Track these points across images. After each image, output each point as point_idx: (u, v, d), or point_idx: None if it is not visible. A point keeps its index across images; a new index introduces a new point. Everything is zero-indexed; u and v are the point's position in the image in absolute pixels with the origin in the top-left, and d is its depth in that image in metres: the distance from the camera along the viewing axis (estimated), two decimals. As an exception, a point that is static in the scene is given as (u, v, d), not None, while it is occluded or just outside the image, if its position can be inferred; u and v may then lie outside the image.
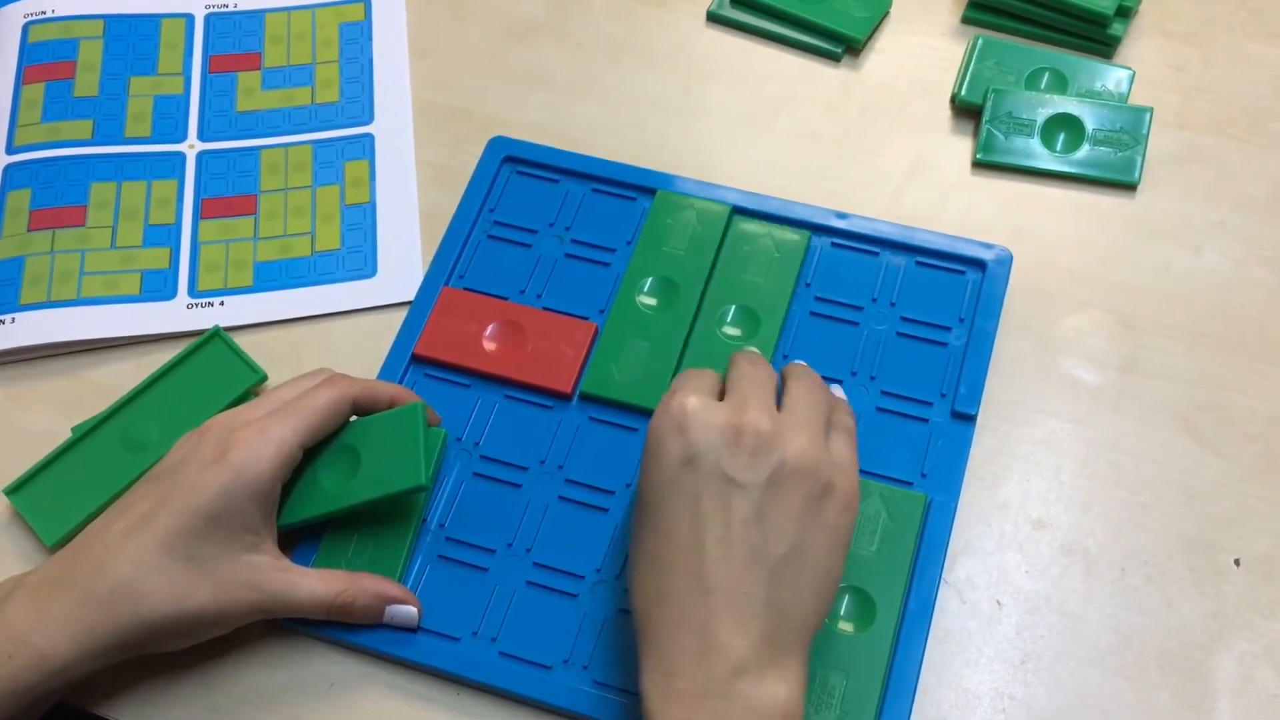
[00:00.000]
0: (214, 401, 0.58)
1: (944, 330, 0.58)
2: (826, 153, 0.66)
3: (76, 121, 0.68)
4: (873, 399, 0.57)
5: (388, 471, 0.52)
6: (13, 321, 0.61)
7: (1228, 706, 0.50)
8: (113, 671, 0.50)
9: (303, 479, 0.53)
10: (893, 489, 0.54)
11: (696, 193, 0.63)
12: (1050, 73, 0.66)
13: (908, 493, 0.54)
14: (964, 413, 0.56)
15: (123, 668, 0.52)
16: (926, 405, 0.57)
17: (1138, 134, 0.63)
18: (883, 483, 0.54)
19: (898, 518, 0.53)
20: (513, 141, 0.66)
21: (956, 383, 0.57)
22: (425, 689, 0.52)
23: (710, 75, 0.69)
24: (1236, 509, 0.54)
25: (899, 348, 0.58)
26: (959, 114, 0.66)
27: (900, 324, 0.59)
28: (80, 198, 0.65)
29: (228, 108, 0.69)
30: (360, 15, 0.72)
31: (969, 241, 0.60)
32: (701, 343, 0.59)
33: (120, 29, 0.71)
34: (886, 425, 0.56)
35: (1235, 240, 0.62)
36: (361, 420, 0.55)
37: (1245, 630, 0.52)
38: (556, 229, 0.63)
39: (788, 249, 0.61)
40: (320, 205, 0.65)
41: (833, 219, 0.61)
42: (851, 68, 0.69)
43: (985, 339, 0.57)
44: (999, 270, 0.59)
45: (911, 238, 0.60)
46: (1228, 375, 0.58)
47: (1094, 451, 0.56)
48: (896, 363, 0.58)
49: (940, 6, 0.70)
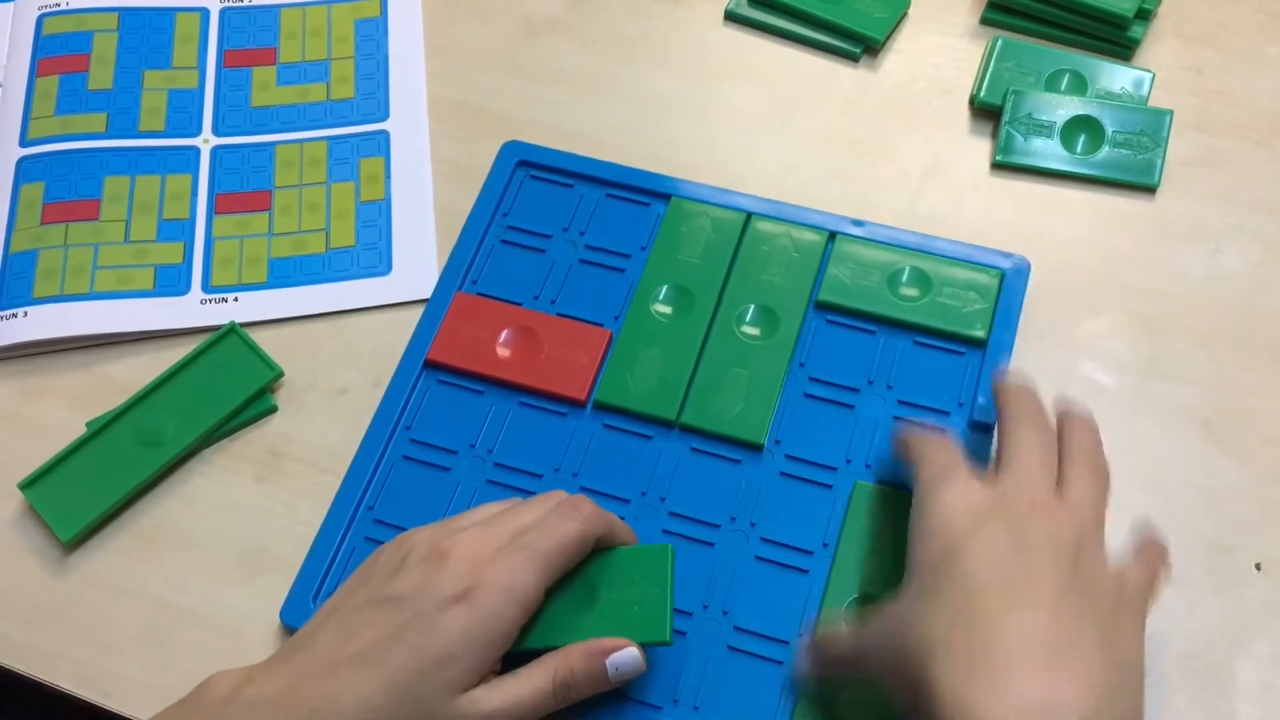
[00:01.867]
0: (230, 397, 0.58)
1: (963, 342, 0.58)
2: (844, 153, 0.66)
3: (90, 115, 0.67)
4: (889, 408, 0.57)
5: (629, 617, 0.48)
6: (25, 315, 0.61)
7: (1248, 711, 0.50)
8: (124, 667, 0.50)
9: None
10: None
11: (711, 199, 0.62)
12: (1070, 74, 0.66)
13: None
14: (982, 422, 0.56)
15: (133, 663, 0.51)
16: (944, 415, 0.56)
17: (1158, 136, 0.63)
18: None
19: None
20: (527, 146, 0.65)
21: (975, 392, 0.56)
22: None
23: (727, 74, 0.69)
24: (1257, 513, 0.54)
25: (917, 356, 0.58)
26: (978, 115, 0.66)
27: (918, 334, 0.58)
28: (94, 191, 0.65)
29: (242, 102, 0.69)
30: (376, 11, 0.72)
31: (987, 250, 0.60)
32: (719, 343, 0.58)
33: (134, 22, 0.71)
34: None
35: (1255, 243, 0.61)
36: (607, 553, 0.50)
37: (1266, 634, 0.51)
38: (570, 234, 0.63)
39: (806, 249, 0.61)
40: (335, 201, 0.65)
41: (849, 226, 0.61)
42: (870, 68, 0.68)
43: (1004, 348, 0.57)
44: (1017, 280, 0.59)
45: (929, 245, 0.60)
46: (1248, 378, 0.57)
47: (1113, 455, 0.55)
48: (914, 371, 0.57)
49: (959, 7, 0.70)
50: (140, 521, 0.56)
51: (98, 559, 0.56)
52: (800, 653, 0.51)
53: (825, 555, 0.53)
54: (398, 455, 0.57)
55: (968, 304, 0.58)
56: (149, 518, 0.57)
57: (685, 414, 0.57)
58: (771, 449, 0.56)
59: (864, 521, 0.53)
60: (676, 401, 0.57)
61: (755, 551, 0.54)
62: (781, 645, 0.51)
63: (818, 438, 0.56)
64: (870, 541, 0.53)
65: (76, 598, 0.55)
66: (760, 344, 0.58)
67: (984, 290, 0.58)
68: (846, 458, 0.55)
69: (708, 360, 0.58)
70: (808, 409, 0.57)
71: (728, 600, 0.53)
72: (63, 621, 0.54)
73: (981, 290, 0.58)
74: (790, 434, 0.56)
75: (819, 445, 0.56)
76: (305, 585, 0.54)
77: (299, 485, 0.57)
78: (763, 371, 0.57)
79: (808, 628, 0.51)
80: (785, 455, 0.56)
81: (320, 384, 0.60)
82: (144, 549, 0.56)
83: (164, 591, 0.55)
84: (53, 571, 0.55)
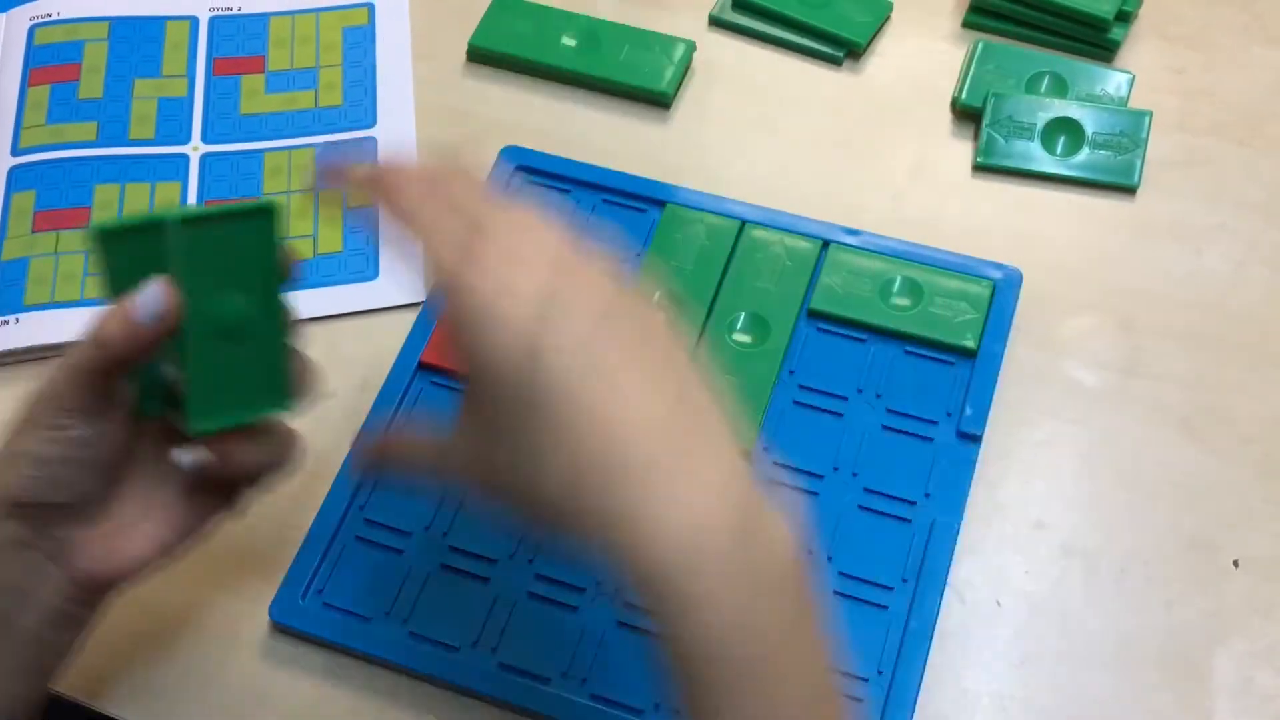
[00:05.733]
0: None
1: (953, 352, 0.58)
2: (828, 156, 0.66)
3: (81, 123, 0.68)
4: (878, 417, 0.57)
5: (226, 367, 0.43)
6: (17, 322, 0.61)
7: (1227, 707, 0.50)
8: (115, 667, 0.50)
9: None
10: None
11: (706, 206, 0.63)
12: (1050, 77, 0.66)
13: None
14: (970, 433, 0.56)
15: (124, 664, 0.52)
16: (932, 424, 0.56)
17: (1137, 137, 0.64)
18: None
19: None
20: (525, 151, 0.66)
21: (963, 402, 0.57)
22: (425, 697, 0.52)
23: (712, 79, 0.69)
24: (1236, 510, 0.54)
25: (907, 365, 0.58)
26: (960, 118, 0.67)
27: (909, 343, 0.59)
28: (84, 199, 0.65)
29: (231, 110, 0.69)
30: (364, 19, 0.73)
31: (979, 261, 0.60)
32: (710, 349, 0.59)
33: (125, 31, 0.72)
34: (891, 444, 0.56)
35: (1235, 242, 0.62)
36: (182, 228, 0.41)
37: (1245, 631, 0.52)
38: (566, 237, 0.63)
39: (799, 257, 0.61)
40: (323, 208, 0.66)
41: (843, 235, 0.61)
42: (853, 72, 0.69)
43: (993, 359, 0.58)
44: (1008, 290, 0.59)
45: (922, 255, 0.60)
46: (1228, 377, 0.58)
47: (1094, 453, 0.56)
48: (903, 381, 0.58)
49: (941, 11, 0.71)
50: (130, 525, 0.57)
51: (87, 563, 0.56)
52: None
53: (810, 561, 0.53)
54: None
55: (959, 314, 0.58)
56: (138, 522, 0.57)
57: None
58: (759, 455, 0.56)
59: None
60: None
61: (738, 552, 0.54)
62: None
63: (805, 445, 0.56)
64: None
65: (66, 601, 0.55)
66: (750, 351, 0.59)
67: (975, 300, 0.59)
68: (834, 465, 0.56)
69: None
70: (796, 416, 0.57)
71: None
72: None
73: (973, 300, 0.59)
74: (778, 441, 0.56)
75: (807, 452, 0.56)
76: (294, 584, 0.54)
77: (286, 487, 0.57)
78: (753, 378, 0.58)
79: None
80: (773, 462, 0.56)
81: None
82: (133, 552, 0.56)
83: (149, 594, 0.55)
84: (43, 575, 0.56)
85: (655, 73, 0.68)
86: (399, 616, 0.53)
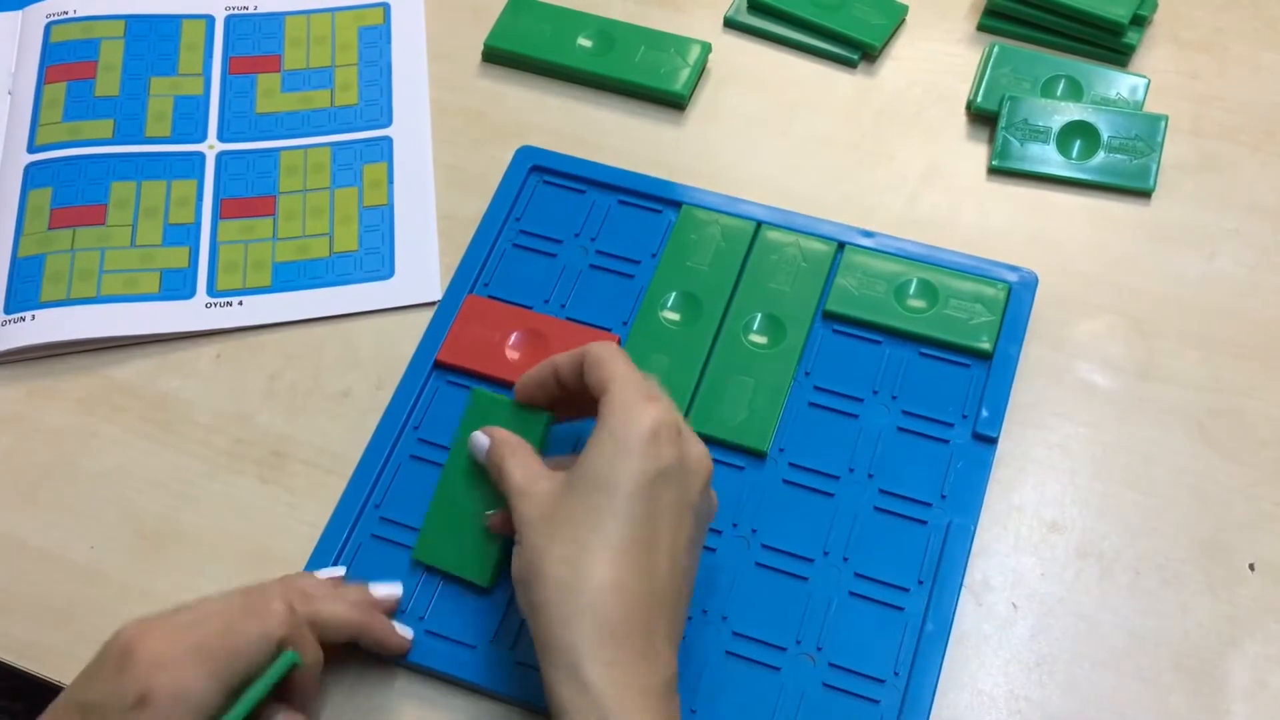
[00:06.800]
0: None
1: (968, 355, 0.58)
2: (842, 159, 0.66)
3: (97, 121, 0.68)
4: (894, 419, 0.57)
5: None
6: (33, 319, 0.62)
7: (1241, 709, 0.50)
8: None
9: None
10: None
11: (722, 208, 0.63)
12: (1065, 80, 0.66)
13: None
14: (985, 435, 0.56)
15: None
16: (948, 426, 0.57)
17: (1153, 141, 0.64)
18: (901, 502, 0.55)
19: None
20: (540, 151, 0.66)
21: (979, 404, 0.57)
22: (442, 695, 0.53)
23: (726, 81, 0.69)
24: (1251, 513, 0.55)
25: (922, 367, 0.58)
26: (974, 121, 0.67)
27: (924, 345, 0.59)
28: (101, 196, 0.66)
29: (247, 109, 0.69)
30: (379, 19, 0.73)
31: (995, 263, 0.60)
32: (726, 350, 0.59)
33: (141, 29, 0.72)
34: (907, 446, 0.56)
35: (1249, 247, 0.62)
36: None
37: (1259, 634, 0.52)
38: (582, 239, 0.63)
39: (815, 258, 0.61)
40: (339, 207, 0.66)
41: (858, 237, 0.62)
42: (867, 74, 0.69)
43: (1009, 362, 0.58)
44: (1024, 293, 0.59)
45: (938, 257, 0.60)
46: (1242, 380, 0.58)
47: (1109, 455, 0.56)
48: (918, 383, 0.58)
49: (956, 14, 0.71)
50: (146, 523, 0.57)
51: (105, 561, 0.56)
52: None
53: (825, 563, 0.54)
54: (405, 454, 0.58)
55: (974, 316, 0.59)
56: (155, 519, 0.57)
57: (690, 419, 0.57)
58: (775, 456, 0.56)
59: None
60: (682, 407, 0.57)
61: (755, 558, 0.54)
62: (780, 651, 0.52)
63: (821, 446, 0.57)
64: None
65: (85, 599, 0.55)
66: (766, 352, 0.59)
67: (991, 303, 0.59)
68: (849, 467, 0.56)
69: (714, 367, 0.59)
70: (812, 417, 0.57)
71: (727, 606, 0.53)
72: (71, 622, 0.55)
73: (988, 303, 0.59)
74: (794, 442, 0.57)
75: (822, 454, 0.56)
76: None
77: (302, 486, 0.58)
78: (768, 379, 0.58)
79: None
80: (789, 463, 0.56)
81: (323, 386, 0.61)
82: (150, 550, 0.56)
83: (170, 591, 0.55)
84: (61, 573, 0.56)
85: (671, 74, 0.68)
86: (414, 614, 0.53)
